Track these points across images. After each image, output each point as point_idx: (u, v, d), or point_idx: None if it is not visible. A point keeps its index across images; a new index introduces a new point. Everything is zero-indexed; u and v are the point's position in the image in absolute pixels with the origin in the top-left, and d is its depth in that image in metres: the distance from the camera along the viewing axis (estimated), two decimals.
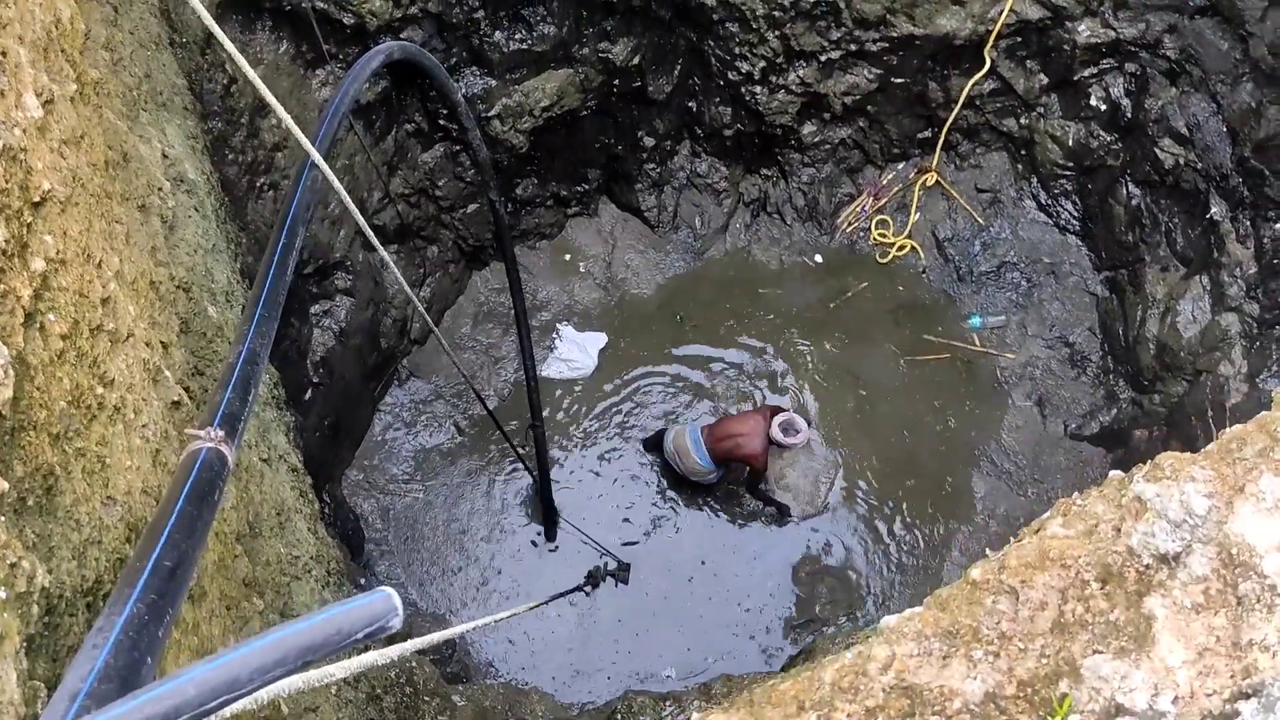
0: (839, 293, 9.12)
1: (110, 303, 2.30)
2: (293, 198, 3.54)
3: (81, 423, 1.97)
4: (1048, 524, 1.43)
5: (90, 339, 2.12)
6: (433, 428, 8.36)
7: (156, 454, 2.30)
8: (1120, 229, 8.54)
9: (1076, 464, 8.42)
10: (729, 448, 7.38)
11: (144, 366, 2.42)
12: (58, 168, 2.25)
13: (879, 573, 8.04)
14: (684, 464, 7.68)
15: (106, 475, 2.02)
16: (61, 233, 2.14)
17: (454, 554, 7.90)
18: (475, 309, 8.92)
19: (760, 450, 7.20)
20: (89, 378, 2.06)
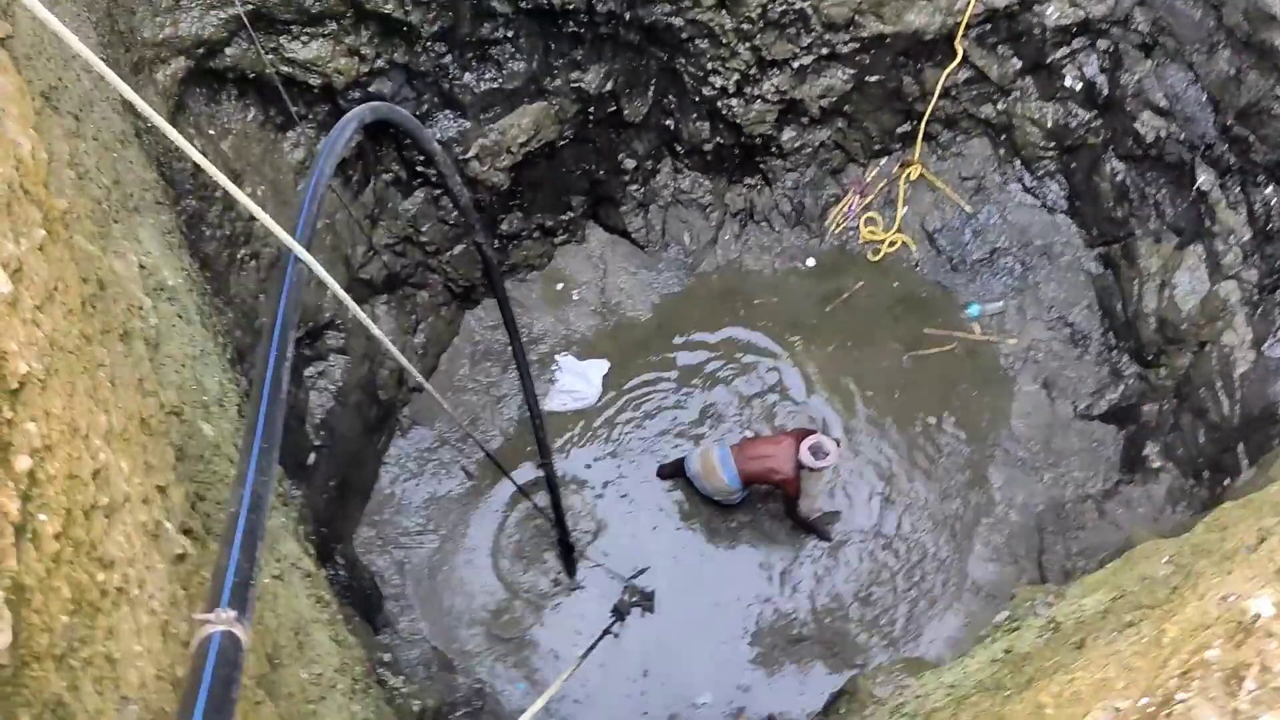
0: (835, 294, 9.02)
1: (102, 473, 2.19)
2: (279, 299, 3.42)
3: (86, 627, 1.86)
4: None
5: (85, 523, 2.01)
6: (440, 475, 8.25)
7: (165, 626, 2.19)
8: (1108, 205, 8.44)
9: (1089, 444, 8.33)
10: (758, 470, 7.32)
11: (143, 529, 2.31)
12: (33, 341, 2.13)
13: (897, 570, 7.94)
14: (709, 483, 7.59)
15: (117, 674, 1.91)
16: (44, 414, 2.03)
17: (475, 602, 7.79)
18: (472, 349, 8.80)
19: (792, 473, 7.15)
20: (88, 569, 1.95)
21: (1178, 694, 1.31)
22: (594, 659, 7.52)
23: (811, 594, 7.87)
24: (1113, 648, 2.19)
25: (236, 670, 1.86)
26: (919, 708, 3.09)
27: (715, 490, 7.59)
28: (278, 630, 3.01)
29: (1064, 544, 7.72)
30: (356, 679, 3.56)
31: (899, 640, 7.66)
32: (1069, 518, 7.91)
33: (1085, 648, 2.40)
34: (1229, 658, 1.32)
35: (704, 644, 7.70)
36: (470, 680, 7.46)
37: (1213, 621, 1.76)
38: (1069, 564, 7.55)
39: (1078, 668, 2.18)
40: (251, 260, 6.42)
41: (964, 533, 8.09)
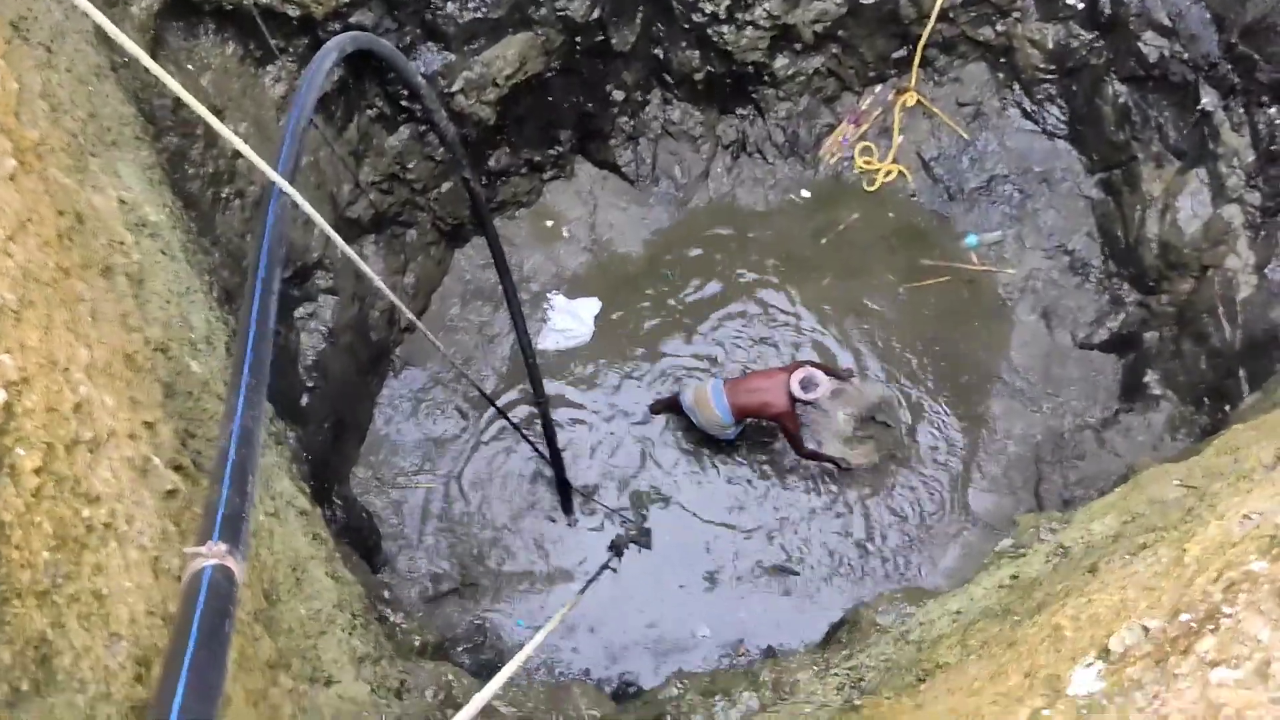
0: (830, 226, 8.91)
1: (84, 406, 2.11)
2: (263, 233, 3.32)
3: (71, 563, 1.80)
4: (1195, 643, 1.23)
5: (68, 458, 1.94)
6: (435, 415, 8.20)
7: (156, 561, 2.13)
8: (1110, 128, 8.31)
9: (1087, 373, 8.30)
10: (752, 404, 7.24)
11: (130, 465, 2.24)
12: (6, 271, 2.05)
13: (896, 502, 7.95)
14: (703, 416, 7.55)
15: (106, 610, 1.85)
16: (19, 346, 1.94)
17: (473, 539, 7.78)
18: (462, 288, 8.70)
19: (785, 407, 7.06)
20: (72, 504, 1.89)
21: (1224, 607, 1.26)
22: (595, 594, 7.55)
23: (809, 527, 7.88)
24: (1129, 570, 2.15)
25: (230, 604, 1.80)
26: (925, 634, 3.07)
27: (708, 424, 7.55)
28: (275, 567, 2.96)
29: (1062, 474, 7.73)
30: (356, 614, 3.53)
31: (898, 570, 7.69)
32: (1067, 447, 7.90)
33: (1099, 571, 2.36)
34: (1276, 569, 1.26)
35: (701, 578, 7.73)
36: (470, 617, 7.48)
37: (1239, 539, 1.72)
38: (1067, 493, 7.57)
39: (1093, 591, 2.14)
40: (236, 199, 6.28)
41: (962, 464, 8.08)
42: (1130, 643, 1.38)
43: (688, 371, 8.39)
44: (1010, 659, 1.97)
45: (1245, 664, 1.11)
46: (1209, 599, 1.30)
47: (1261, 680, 1.06)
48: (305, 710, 2.69)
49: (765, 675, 4.13)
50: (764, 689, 4.02)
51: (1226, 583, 1.32)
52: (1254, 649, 1.12)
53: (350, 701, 3.02)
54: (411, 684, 3.91)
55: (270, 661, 2.56)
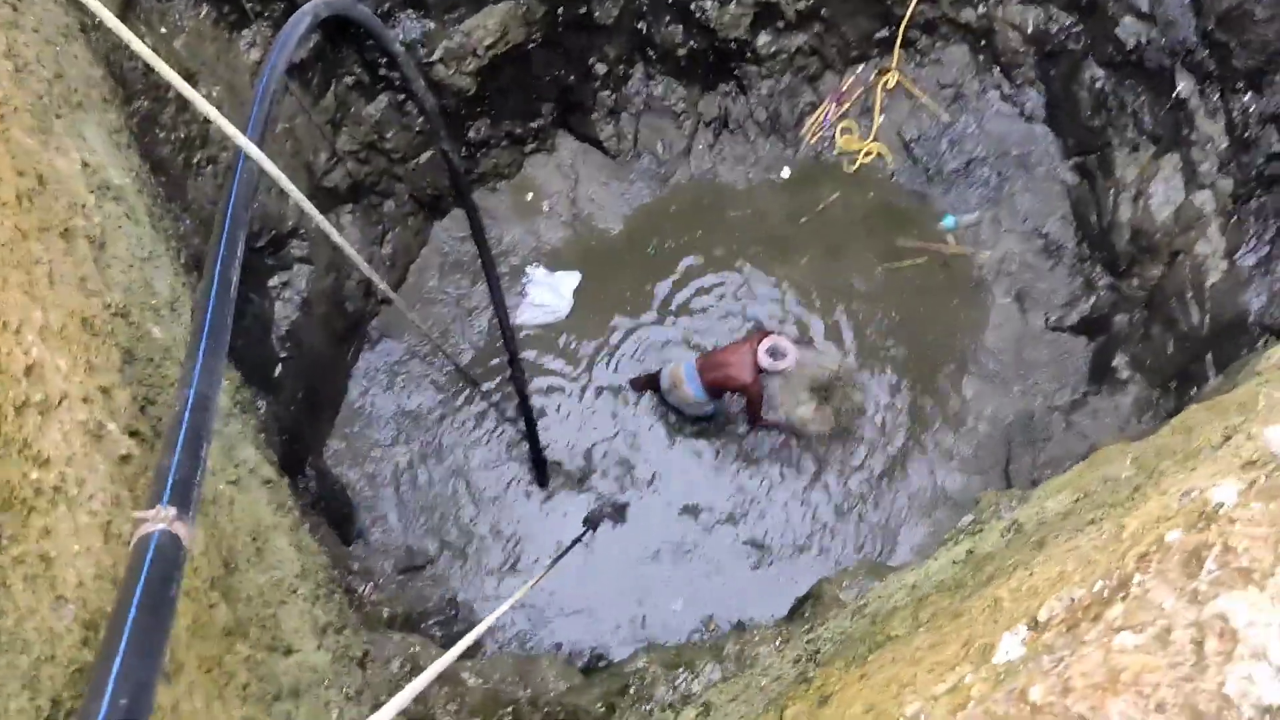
0: (810, 206, 8.91)
1: (36, 369, 2.10)
2: (229, 197, 3.30)
3: (18, 524, 1.80)
4: (1106, 610, 1.25)
5: (16, 420, 1.93)
6: (410, 388, 8.18)
7: (107, 526, 2.13)
8: (1086, 113, 8.33)
9: (1058, 355, 8.36)
10: (719, 379, 7.24)
11: (83, 429, 2.23)
12: None
13: (865, 479, 8.00)
14: (677, 395, 7.57)
15: (53, 574, 1.85)
16: None
17: (448, 513, 7.79)
18: (440, 260, 8.66)
19: (750, 379, 7.04)
20: (20, 466, 1.88)
21: (1135, 575, 1.28)
22: (569, 568, 7.58)
23: (781, 504, 7.92)
24: (1072, 544, 2.18)
25: (176, 569, 1.81)
26: (880, 607, 3.10)
27: (684, 403, 7.57)
28: (234, 535, 2.96)
29: (1031, 454, 7.79)
30: (320, 585, 3.53)
31: (866, 547, 7.75)
32: (1037, 428, 7.97)
33: (1045, 546, 2.39)
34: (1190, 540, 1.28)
35: (675, 553, 7.76)
36: (443, 589, 7.49)
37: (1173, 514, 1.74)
38: (1035, 474, 7.62)
39: (1037, 564, 2.17)
40: (208, 165, 6.22)
41: (933, 442, 8.13)
42: (1056, 611, 1.40)
43: (663, 346, 8.39)
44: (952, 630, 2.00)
45: (1148, 629, 1.13)
46: (1123, 569, 1.32)
47: (1161, 646, 1.08)
48: (262, 678, 2.70)
49: (730, 648, 4.18)
50: (727, 661, 4.06)
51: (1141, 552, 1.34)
52: (1157, 616, 1.14)
53: (310, 670, 3.03)
54: (376, 654, 3.93)
55: (227, 628, 2.56)
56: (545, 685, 4.78)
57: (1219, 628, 1.05)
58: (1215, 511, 1.41)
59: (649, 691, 4.11)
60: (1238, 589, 1.08)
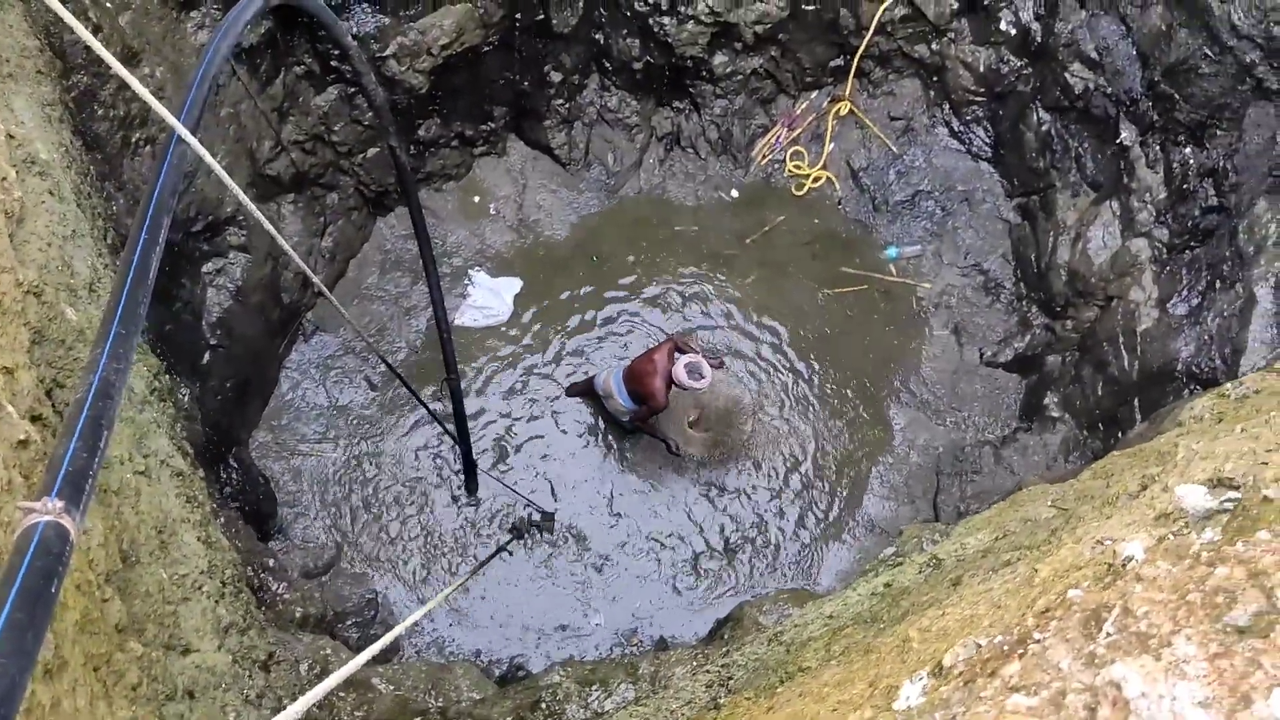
0: (756, 227, 8.94)
1: None
2: (156, 180, 3.19)
3: None
4: (1004, 666, 1.23)
5: None
6: (343, 384, 8.05)
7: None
8: (1031, 155, 8.47)
9: (992, 391, 8.47)
10: (636, 387, 7.20)
11: None
12: None
13: (795, 503, 8.03)
14: (612, 405, 7.54)
15: None
16: None
17: (374, 512, 7.66)
18: (382, 257, 8.54)
19: (657, 389, 6.96)
20: None
21: (1035, 633, 1.26)
22: (492, 576, 7.50)
23: (707, 522, 7.91)
24: (986, 585, 2.17)
25: (59, 564, 1.71)
26: (796, 636, 3.08)
27: (618, 413, 7.54)
28: (137, 527, 2.85)
29: (959, 486, 7.88)
30: (226, 582, 3.42)
31: (790, 572, 7.77)
32: (966, 461, 8.06)
33: (961, 584, 2.38)
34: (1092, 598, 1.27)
35: (598, 566, 7.71)
36: (363, 590, 7.36)
37: (1085, 563, 1.74)
38: (962, 505, 7.71)
39: (950, 604, 2.16)
40: (147, 145, 6.05)
41: (863, 470, 8.19)
42: (960, 659, 1.38)
43: (601, 354, 8.35)
44: (861, 667, 1.98)
45: (1042, 691, 1.11)
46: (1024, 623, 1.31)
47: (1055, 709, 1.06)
48: (155, 678, 2.59)
49: (645, 667, 4.13)
50: (642, 681, 4.01)
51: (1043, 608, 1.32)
52: (1053, 677, 1.12)
53: (208, 671, 2.93)
54: (283, 656, 3.82)
55: (119, 625, 2.45)
56: (457, 695, 4.69)
57: (1112, 696, 1.02)
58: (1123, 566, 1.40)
59: (560, 708, 4.05)
60: (1133, 656, 1.07)
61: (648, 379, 6.98)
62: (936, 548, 3.35)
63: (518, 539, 7.57)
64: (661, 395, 6.98)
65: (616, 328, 8.52)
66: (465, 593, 7.45)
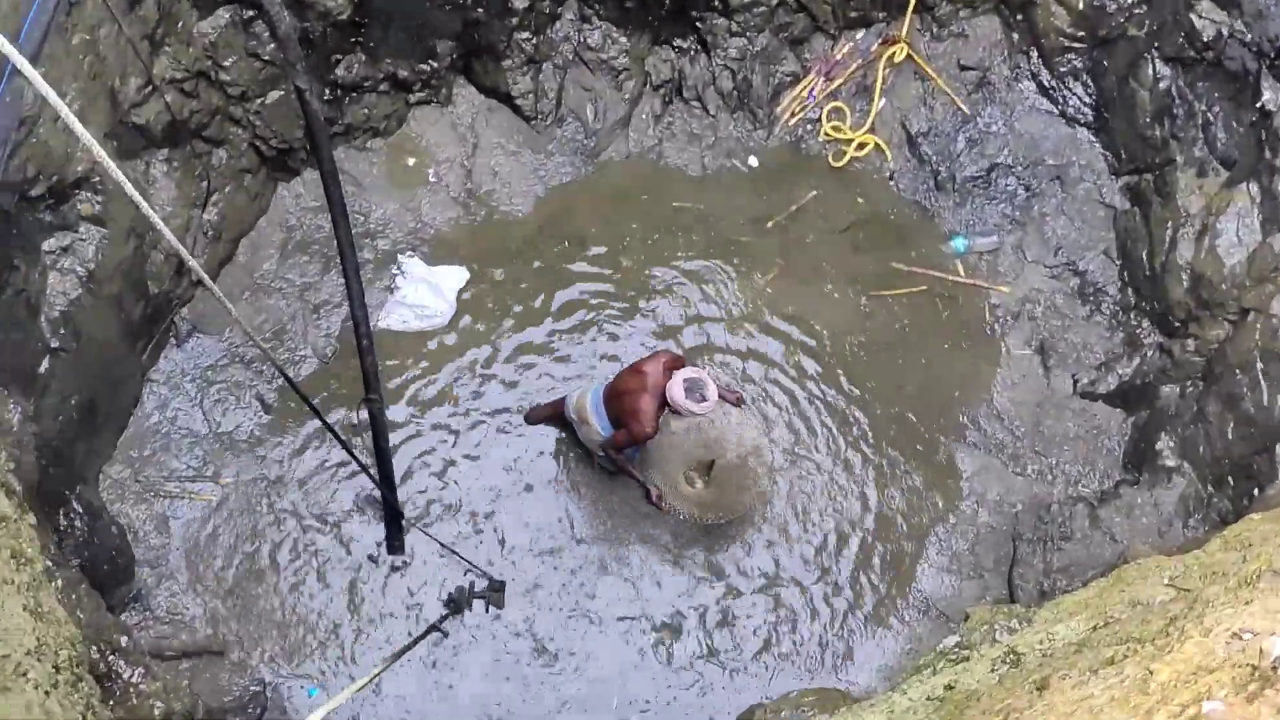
0: (781, 208, 8.96)
1: None
2: None
3: None
4: None
5: None
6: (228, 403, 8.00)
7: None
8: (1144, 121, 8.50)
9: (1088, 430, 8.48)
10: (619, 407, 7.13)
11: None
12: None
13: (823, 574, 8.01)
14: (586, 432, 7.50)
15: None
16: None
17: (265, 577, 7.61)
18: (283, 236, 8.52)
19: (644, 410, 6.84)
20: None
21: None
22: (424, 661, 7.44)
23: (712, 595, 7.88)
24: (1083, 691, 2.13)
25: None
26: None
27: (590, 439, 7.50)
28: None
29: (1043, 556, 7.86)
30: (61, 667, 3.36)
31: (815, 666, 7.73)
32: (1053, 523, 8.04)
33: (1049, 689, 2.35)
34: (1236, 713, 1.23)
35: (567, 653, 7.67)
36: (247, 680, 7.30)
37: (1219, 664, 1.70)
38: (1046, 582, 7.69)
39: (1034, 715, 2.12)
40: None
41: (916, 532, 8.18)
42: None
43: (569, 369, 8.38)
44: None
45: None
46: None
47: None
48: None
49: None
50: None
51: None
52: None
53: None
54: None
55: None
56: None
57: None
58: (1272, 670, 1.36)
59: None
60: None
61: (633, 396, 6.88)
62: (1014, 638, 3.32)
63: (456, 615, 7.51)
64: (649, 419, 6.87)
65: (591, 338, 8.50)
66: (376, 692, 7.40)
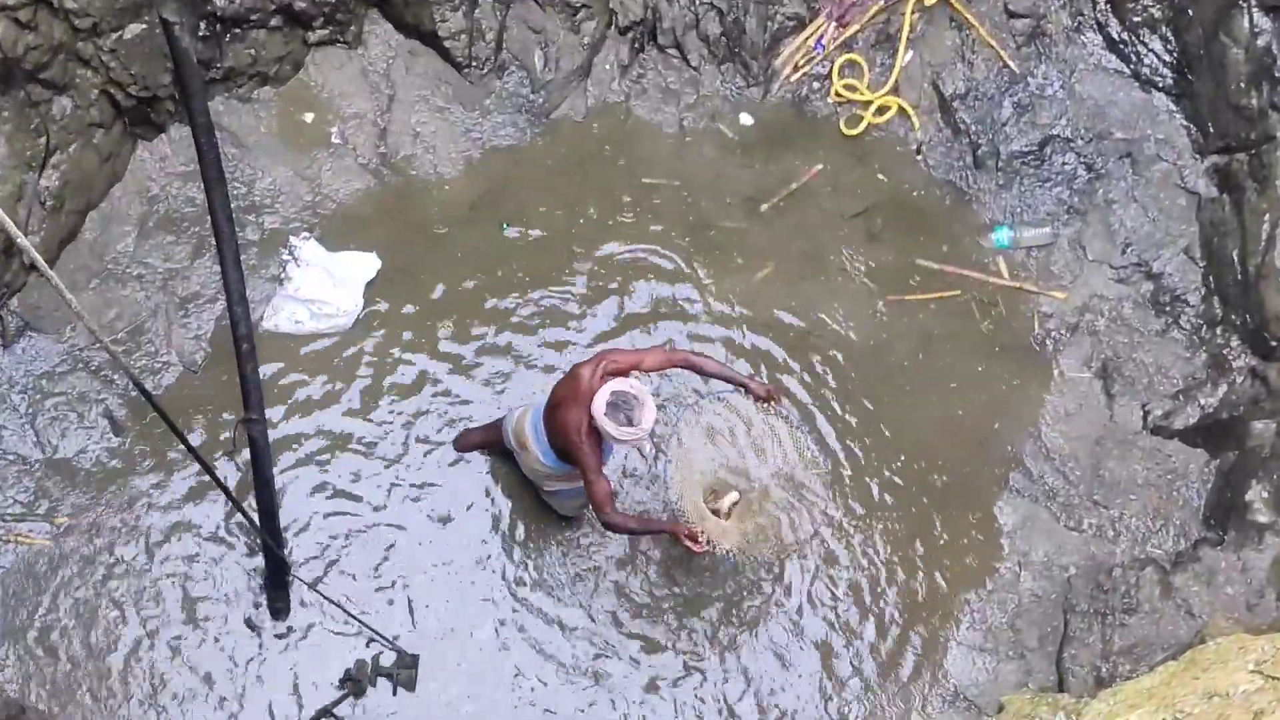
0: (778, 185, 9.02)
1: None
2: None
3: None
4: None
5: None
6: (68, 421, 7.93)
7: None
8: (1238, 85, 8.55)
9: (1161, 475, 8.51)
10: (552, 428, 7.05)
11: None
12: None
13: (836, 662, 8.01)
14: (525, 462, 7.47)
15: None
16: None
17: (107, 647, 7.55)
18: (143, 209, 8.48)
19: (572, 426, 6.74)
20: None
21: None
22: None
23: (687, 687, 7.87)
24: None
25: None
26: None
27: (532, 472, 7.47)
28: None
29: (1101, 633, 7.88)
30: None
31: None
32: (1115, 592, 8.06)
33: None
34: None
35: None
36: None
37: None
38: (1105, 666, 7.71)
39: None
40: None
41: (943, 602, 8.18)
42: None
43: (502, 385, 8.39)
44: None
45: None
46: None
47: None
48: None
49: None
50: None
51: None
52: None
53: None
54: None
55: None
56: None
57: None
58: None
59: None
60: None
61: (562, 409, 6.80)
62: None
63: (354, 696, 7.50)
64: (575, 435, 6.75)
65: (539, 339, 8.53)
66: None
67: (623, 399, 6.49)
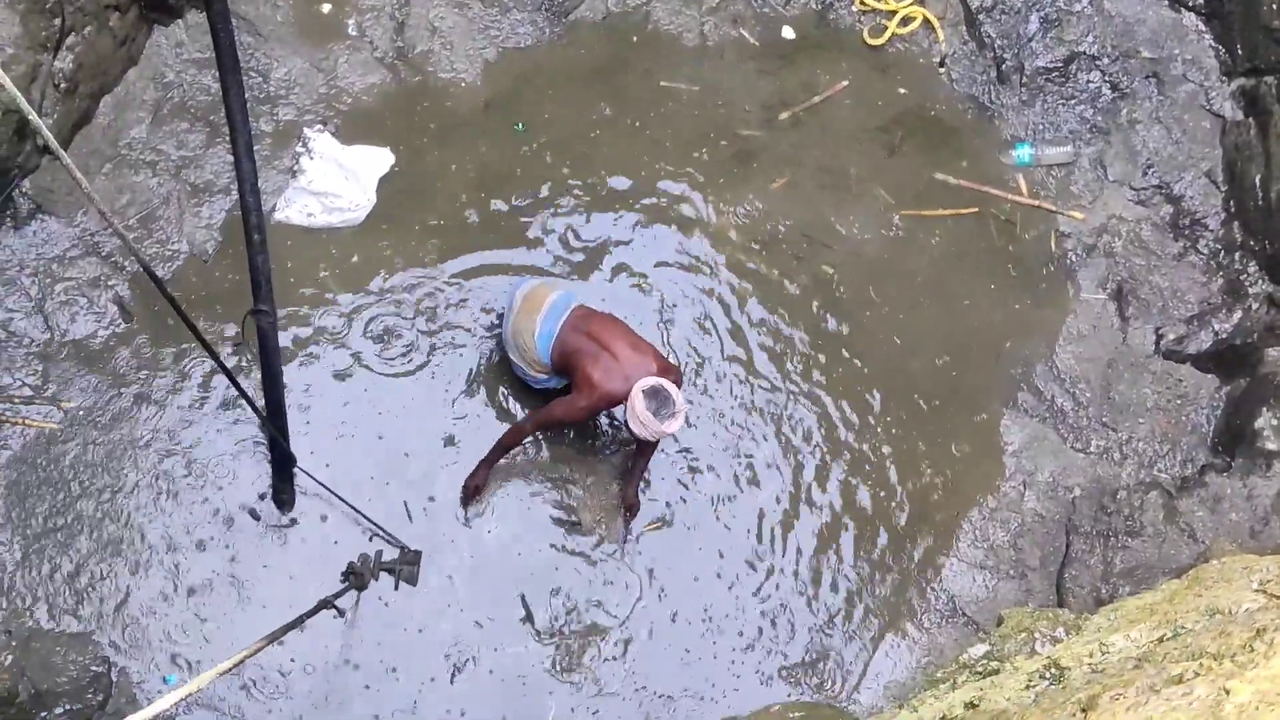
0: (799, 95, 8.99)
1: None
2: None
3: None
4: None
5: None
6: (78, 305, 7.93)
7: None
8: (1270, 6, 8.48)
9: (1172, 401, 8.52)
10: (577, 359, 7.14)
11: None
12: None
13: (836, 573, 8.04)
14: (514, 329, 7.57)
15: None
16: None
17: (111, 531, 7.59)
18: (158, 95, 8.45)
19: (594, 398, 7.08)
20: None
21: None
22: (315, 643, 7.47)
23: (685, 586, 7.92)
24: (1140, 714, 2.15)
25: None
26: None
27: (516, 344, 7.53)
28: None
29: (1103, 555, 7.91)
30: None
31: (806, 674, 7.79)
32: (1119, 514, 8.08)
33: (1096, 709, 2.36)
34: None
35: (497, 644, 7.72)
36: (88, 659, 7.32)
37: None
38: (1105, 587, 7.75)
39: None
40: None
41: (945, 518, 8.21)
42: None
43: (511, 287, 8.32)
44: None
45: None
46: None
47: None
48: None
49: None
50: None
51: None
52: None
53: None
54: None
55: None
56: None
57: None
58: None
59: None
60: None
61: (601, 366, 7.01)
62: (1058, 648, 3.35)
63: (356, 589, 7.55)
64: (585, 406, 7.12)
65: (548, 243, 8.55)
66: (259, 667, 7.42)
67: (666, 396, 6.76)
